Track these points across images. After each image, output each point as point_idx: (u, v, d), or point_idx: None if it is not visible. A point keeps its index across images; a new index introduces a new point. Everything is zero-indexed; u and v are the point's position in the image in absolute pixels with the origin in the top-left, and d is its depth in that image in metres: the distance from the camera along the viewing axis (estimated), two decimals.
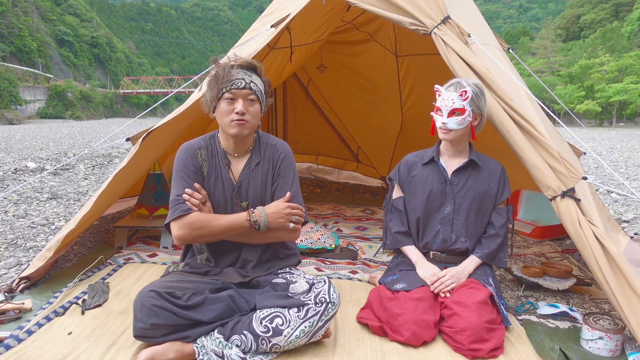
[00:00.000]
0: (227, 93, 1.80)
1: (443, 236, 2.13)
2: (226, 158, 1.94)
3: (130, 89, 66.33)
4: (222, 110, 1.83)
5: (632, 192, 2.81)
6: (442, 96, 2.04)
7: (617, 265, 1.80)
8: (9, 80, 38.68)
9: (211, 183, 1.91)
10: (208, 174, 1.91)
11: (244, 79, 1.81)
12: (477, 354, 1.77)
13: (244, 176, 1.93)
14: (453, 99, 2.00)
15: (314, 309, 1.73)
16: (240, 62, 1.84)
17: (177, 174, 1.89)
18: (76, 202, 5.00)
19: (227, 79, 1.79)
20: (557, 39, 58.54)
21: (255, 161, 1.94)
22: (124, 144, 2.99)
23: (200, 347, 1.69)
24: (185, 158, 1.90)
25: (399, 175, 2.24)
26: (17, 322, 1.98)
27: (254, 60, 1.89)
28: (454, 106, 2.00)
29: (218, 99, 1.83)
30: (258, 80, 1.86)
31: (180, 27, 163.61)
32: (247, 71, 1.84)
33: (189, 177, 1.88)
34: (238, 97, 1.81)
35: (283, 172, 1.94)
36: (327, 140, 5.97)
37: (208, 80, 1.87)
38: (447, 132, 2.05)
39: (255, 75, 1.86)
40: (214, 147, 1.95)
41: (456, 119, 2.01)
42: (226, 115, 1.82)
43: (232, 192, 1.92)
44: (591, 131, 25.47)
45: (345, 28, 4.46)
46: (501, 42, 3.15)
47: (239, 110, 1.79)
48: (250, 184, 1.92)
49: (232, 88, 1.79)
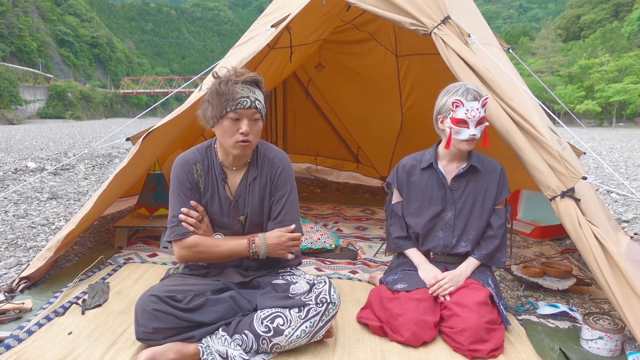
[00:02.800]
0: (231, 112, 1.73)
1: (445, 242, 2.12)
2: (223, 172, 1.91)
3: (130, 89, 66.31)
4: (225, 130, 1.76)
5: (632, 192, 2.81)
6: (466, 107, 1.94)
7: (617, 265, 1.80)
8: (9, 80, 38.67)
9: (208, 198, 1.90)
10: (205, 189, 1.90)
11: (249, 97, 1.74)
12: (476, 355, 1.77)
13: (241, 190, 1.91)
14: (479, 109, 1.95)
15: (315, 309, 1.73)
16: (244, 79, 1.75)
17: (173, 191, 1.88)
18: (76, 202, 5.00)
19: (232, 97, 1.71)
20: (557, 39, 58.51)
21: (252, 175, 1.90)
22: (124, 144, 2.99)
23: (205, 347, 1.69)
24: (181, 175, 1.87)
25: (398, 179, 2.20)
26: (17, 322, 1.98)
27: (257, 75, 1.81)
28: (480, 115, 1.96)
29: (221, 117, 1.75)
30: (261, 96, 1.80)
31: (180, 27, 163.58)
32: (250, 87, 1.76)
33: (185, 194, 1.86)
34: (243, 117, 1.74)
35: (280, 186, 1.90)
36: (327, 140, 5.97)
37: (209, 93, 1.78)
38: (472, 143, 2.00)
39: (258, 91, 1.79)
40: (210, 160, 1.91)
41: (481, 128, 1.99)
42: (230, 136, 1.76)
43: (230, 207, 1.91)
44: (591, 131, 25.46)
45: (345, 28, 4.46)
46: (501, 42, 3.15)
47: (244, 131, 1.74)
48: (246, 198, 1.91)
49: (237, 108, 1.72)
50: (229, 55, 2.78)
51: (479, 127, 1.98)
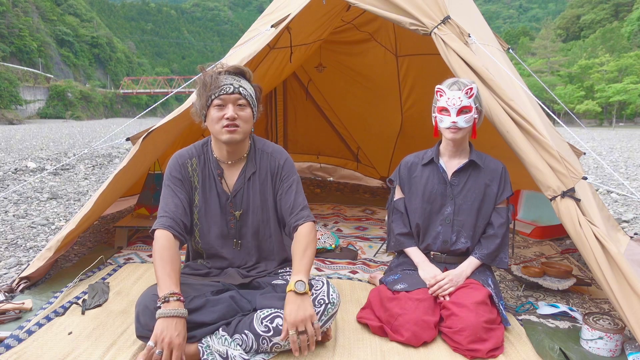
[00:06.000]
0: (216, 99, 1.76)
1: (444, 237, 2.13)
2: (219, 167, 1.91)
3: (130, 89, 66.32)
4: (212, 118, 1.78)
5: (632, 192, 2.81)
6: (447, 95, 2.01)
7: (617, 265, 1.80)
8: (9, 80, 38.70)
9: (205, 193, 1.90)
10: (202, 184, 1.90)
11: (232, 83, 1.77)
12: (475, 354, 1.77)
13: (239, 185, 1.91)
14: (460, 97, 1.99)
15: (314, 309, 1.73)
16: (227, 69, 1.80)
17: (164, 182, 1.90)
18: (76, 202, 5.00)
19: (215, 85, 1.75)
20: (557, 39, 58.53)
21: (250, 170, 1.91)
22: (124, 144, 3.00)
23: (205, 347, 1.68)
24: (173, 167, 1.89)
25: (400, 176, 2.23)
26: (17, 322, 1.98)
27: (242, 66, 1.85)
28: (462, 104, 1.99)
29: (207, 107, 1.79)
30: (247, 85, 1.83)
31: (180, 27, 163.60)
32: (235, 76, 1.81)
33: (175, 185, 1.87)
34: (227, 103, 1.77)
35: (286, 177, 1.91)
36: (327, 140, 5.98)
37: (196, 89, 1.82)
38: (457, 131, 2.03)
39: (244, 80, 1.82)
40: (206, 156, 1.93)
41: (465, 117, 2.00)
42: (217, 122, 1.78)
43: (226, 202, 1.91)
44: (591, 131, 25.47)
45: (345, 28, 4.46)
46: (501, 42, 3.15)
47: (229, 116, 1.75)
48: (245, 194, 1.91)
49: (220, 94, 1.75)
50: (229, 55, 2.78)
51: (462, 116, 2.00)
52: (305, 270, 1.74)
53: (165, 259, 1.70)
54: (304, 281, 1.68)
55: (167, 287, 1.63)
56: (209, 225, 1.91)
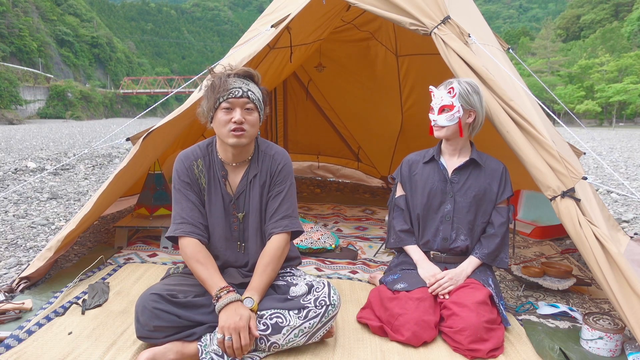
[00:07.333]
0: (224, 102, 1.76)
1: (443, 234, 2.13)
2: (223, 169, 1.91)
3: (131, 89, 66.30)
4: (219, 120, 1.78)
5: (632, 192, 2.81)
6: (435, 94, 2.11)
7: (617, 265, 1.80)
8: (9, 80, 38.69)
9: (210, 194, 1.90)
10: (208, 186, 1.90)
11: (241, 87, 1.77)
12: (476, 354, 1.77)
13: (242, 187, 1.91)
14: (442, 97, 2.06)
15: (314, 311, 1.73)
16: (236, 71, 1.80)
17: (175, 187, 1.90)
18: (76, 202, 5.00)
19: (224, 88, 1.75)
20: (557, 39, 58.50)
21: (253, 172, 1.91)
22: (124, 144, 3.00)
23: (204, 346, 1.69)
24: (181, 170, 1.89)
25: (401, 173, 2.26)
26: (17, 322, 1.98)
27: (251, 69, 1.85)
28: (443, 103, 2.06)
29: (215, 109, 1.79)
30: (255, 89, 1.83)
31: (180, 27, 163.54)
32: (244, 80, 1.81)
33: (186, 189, 1.88)
34: (235, 107, 1.77)
35: (279, 182, 1.91)
36: (328, 140, 5.98)
37: (204, 90, 1.83)
38: (439, 129, 2.10)
39: (252, 84, 1.82)
40: (211, 157, 1.92)
41: (445, 116, 2.05)
42: (224, 125, 1.78)
43: (230, 203, 1.91)
44: (591, 131, 25.45)
45: (345, 28, 4.46)
46: (501, 42, 3.15)
47: (236, 120, 1.75)
48: (248, 196, 1.91)
49: (229, 97, 1.75)
50: (229, 55, 2.78)
51: (443, 114, 2.06)
52: (259, 289, 1.77)
53: (202, 262, 1.78)
54: (254, 300, 1.73)
55: (215, 285, 1.72)
56: (213, 227, 1.92)
